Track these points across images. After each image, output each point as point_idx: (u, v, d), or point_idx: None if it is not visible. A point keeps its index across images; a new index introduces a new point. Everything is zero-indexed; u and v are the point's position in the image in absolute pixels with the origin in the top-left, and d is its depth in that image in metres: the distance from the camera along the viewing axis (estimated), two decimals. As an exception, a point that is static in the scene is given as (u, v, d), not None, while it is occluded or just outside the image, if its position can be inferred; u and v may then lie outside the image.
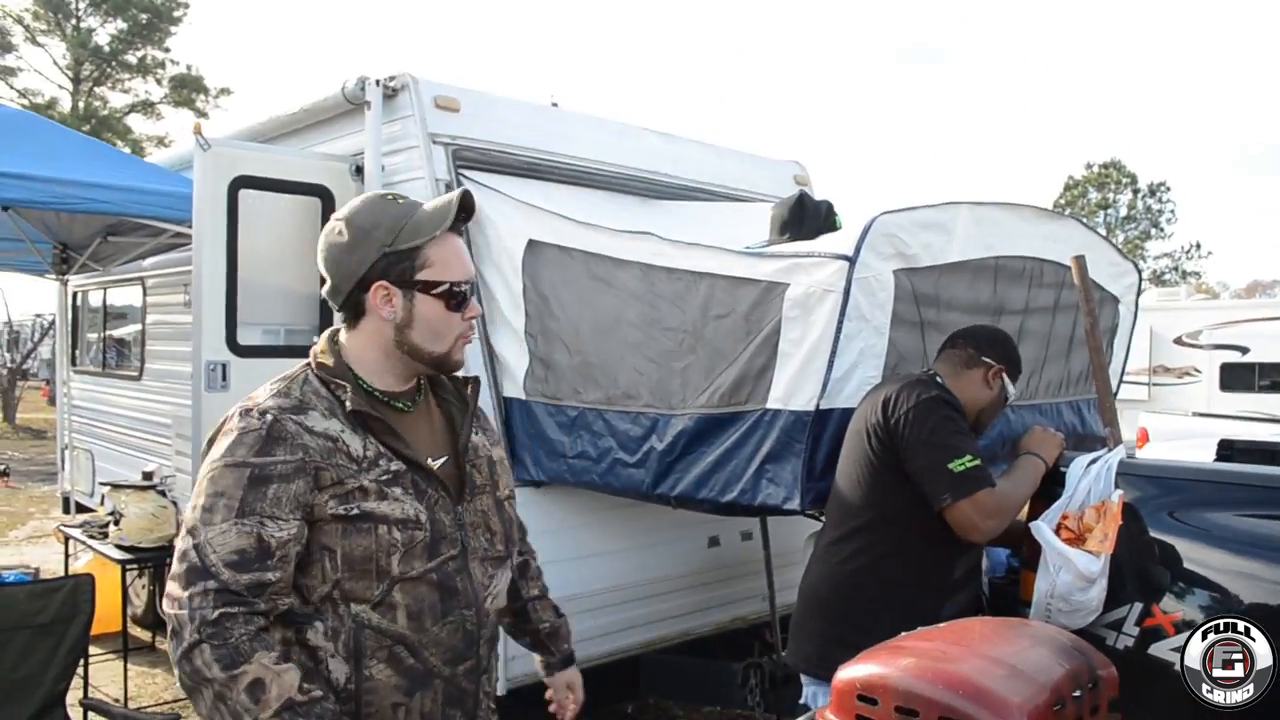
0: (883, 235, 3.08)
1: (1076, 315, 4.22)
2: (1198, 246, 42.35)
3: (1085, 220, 4.20)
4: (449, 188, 4.23)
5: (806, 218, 3.46)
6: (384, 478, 1.83)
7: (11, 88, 29.65)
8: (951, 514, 2.59)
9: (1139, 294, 4.75)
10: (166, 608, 1.72)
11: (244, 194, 4.36)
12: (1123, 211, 41.52)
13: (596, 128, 4.94)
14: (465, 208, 1.88)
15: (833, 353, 3.04)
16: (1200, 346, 16.21)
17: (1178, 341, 16.57)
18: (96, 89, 31.94)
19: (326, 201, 4.57)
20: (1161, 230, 41.76)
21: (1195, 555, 2.53)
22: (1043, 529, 2.61)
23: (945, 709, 1.81)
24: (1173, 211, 42.02)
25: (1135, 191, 41.54)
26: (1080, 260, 2.99)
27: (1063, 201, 41.10)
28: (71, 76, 30.90)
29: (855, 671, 1.97)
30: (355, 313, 1.89)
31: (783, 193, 4.77)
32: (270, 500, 1.74)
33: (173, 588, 1.71)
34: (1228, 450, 3.97)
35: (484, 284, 4.10)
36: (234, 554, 1.70)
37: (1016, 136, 70.78)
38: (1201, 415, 13.73)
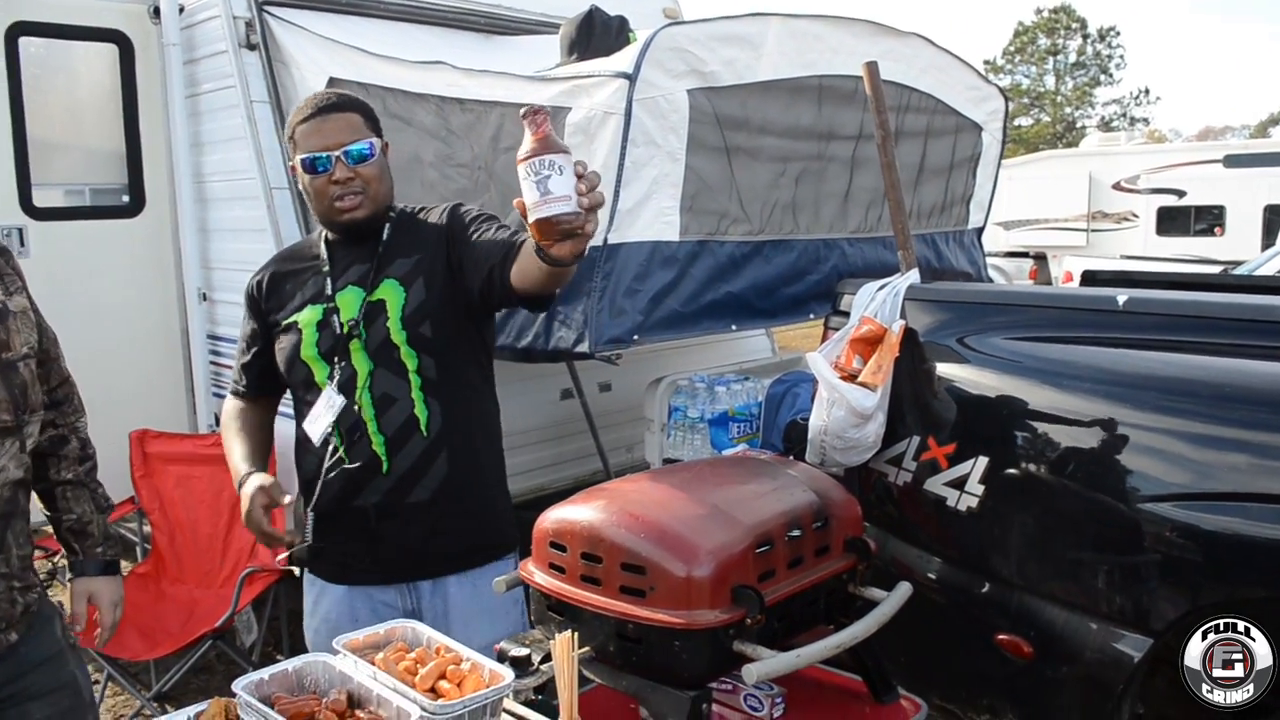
0: (669, 49, 2.79)
1: (927, 142, 3.95)
2: (1146, 92, 42.10)
3: (932, 40, 3.83)
4: (249, 27, 3.87)
5: (595, 35, 3.13)
6: None
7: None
8: None
9: (1006, 119, 4.48)
10: None
11: (25, 42, 3.97)
12: (1072, 58, 40.76)
13: (428, -43, 4.51)
14: None
15: (617, 182, 2.76)
16: (1138, 191, 16.08)
17: (1116, 187, 16.41)
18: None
19: (125, 49, 4.17)
20: (1110, 76, 41.10)
21: (982, 381, 2.34)
22: (818, 361, 2.39)
23: (626, 554, 1.62)
24: (1122, 57, 41.41)
25: (1085, 37, 40.71)
26: (871, 66, 2.71)
27: (1013, 49, 40.28)
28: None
29: (549, 516, 1.78)
30: None
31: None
32: None
33: None
34: (1091, 280, 3.81)
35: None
36: None
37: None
38: (1130, 258, 13.70)
